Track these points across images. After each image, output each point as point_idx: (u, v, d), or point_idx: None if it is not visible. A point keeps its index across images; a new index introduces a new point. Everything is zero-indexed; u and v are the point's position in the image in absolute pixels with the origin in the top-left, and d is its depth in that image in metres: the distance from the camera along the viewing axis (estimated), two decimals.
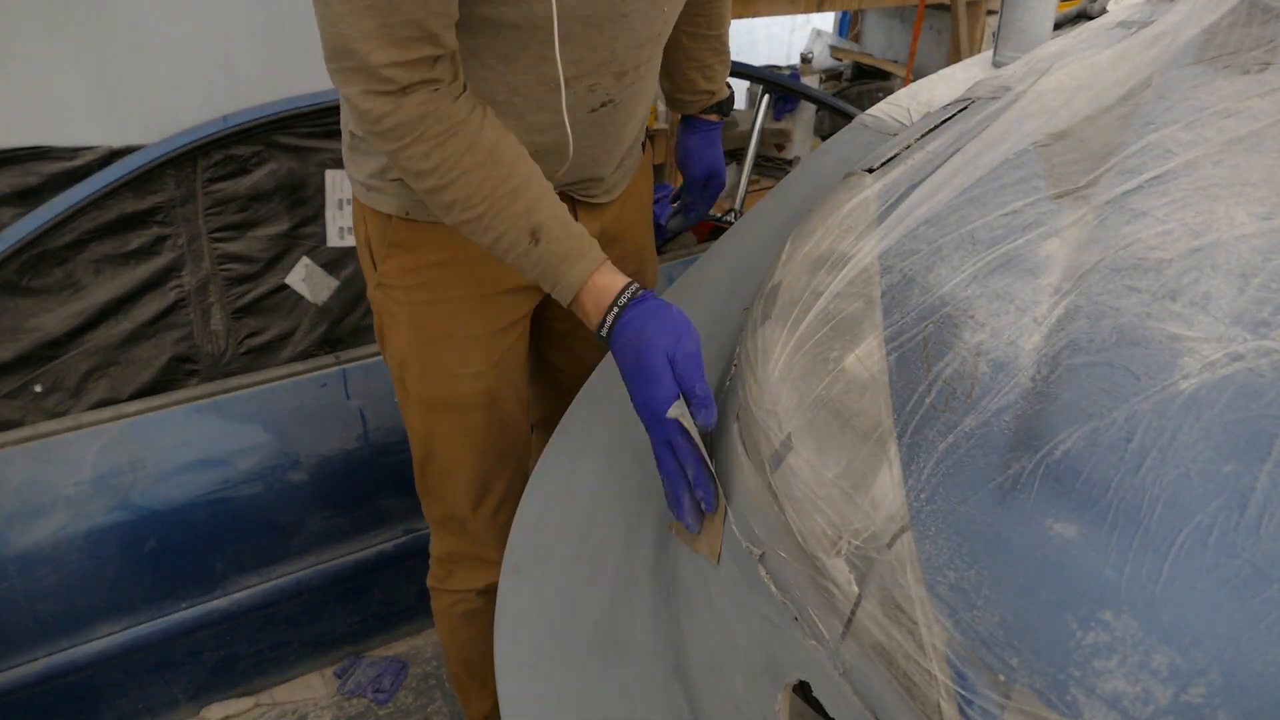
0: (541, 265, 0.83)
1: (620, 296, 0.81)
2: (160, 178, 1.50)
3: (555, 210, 0.83)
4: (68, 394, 1.47)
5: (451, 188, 0.80)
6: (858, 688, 0.56)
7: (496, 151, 0.80)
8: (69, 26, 1.50)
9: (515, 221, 0.81)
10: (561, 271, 0.83)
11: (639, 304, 0.80)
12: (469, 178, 0.79)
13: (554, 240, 0.82)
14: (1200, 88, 0.67)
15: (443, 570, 1.27)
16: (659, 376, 0.75)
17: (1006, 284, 0.59)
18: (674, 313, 0.79)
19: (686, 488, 0.76)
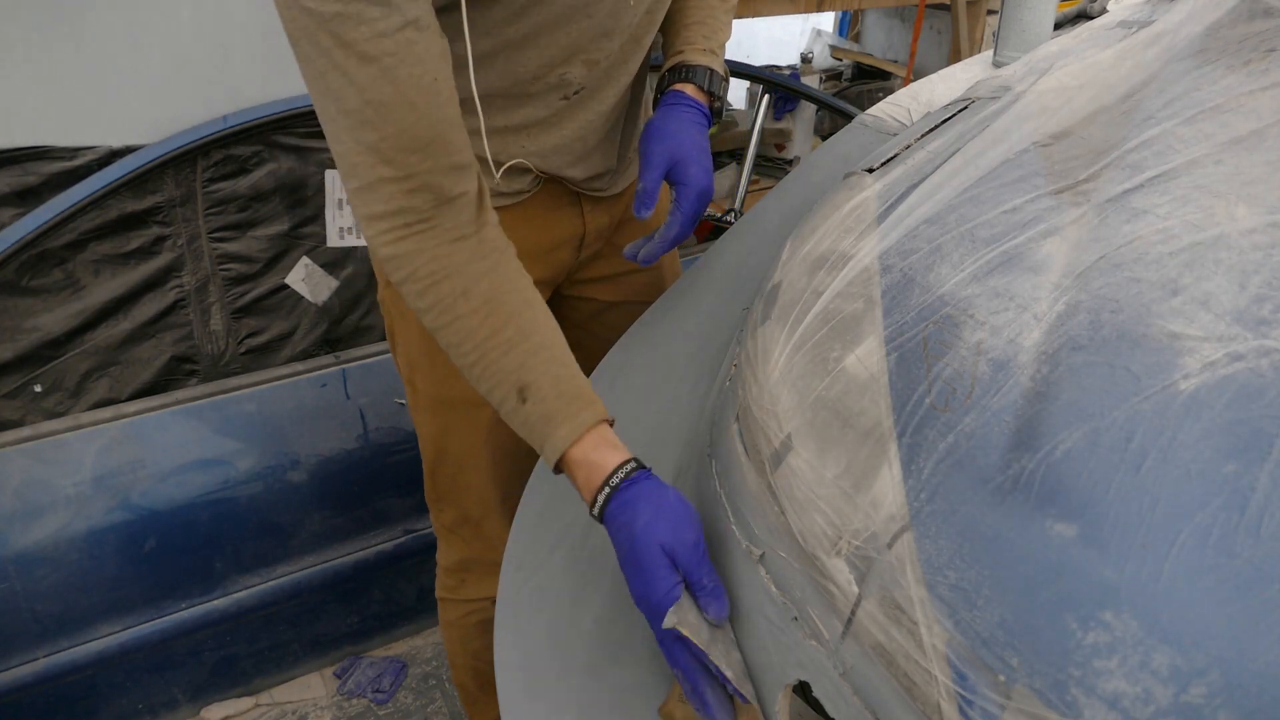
0: (529, 427, 0.77)
1: (612, 477, 0.73)
2: (160, 178, 1.50)
3: (550, 367, 0.77)
4: (68, 394, 1.47)
5: (446, 330, 0.77)
6: (858, 688, 0.56)
7: (495, 300, 0.77)
8: (69, 26, 1.50)
9: (505, 377, 0.77)
10: (546, 434, 0.76)
11: (630, 487, 0.73)
12: (462, 323, 0.76)
13: (542, 401, 0.76)
14: (1201, 86, 0.67)
15: (454, 579, 1.25)
16: (655, 571, 0.68)
17: (1007, 282, 0.59)
18: (670, 498, 0.71)
19: (707, 679, 0.67)
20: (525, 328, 0.78)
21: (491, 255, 0.78)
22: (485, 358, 0.77)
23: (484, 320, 0.76)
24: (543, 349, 0.78)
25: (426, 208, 0.74)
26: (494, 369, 0.77)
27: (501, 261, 0.79)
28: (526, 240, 1.05)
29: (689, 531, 0.70)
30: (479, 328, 0.76)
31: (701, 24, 1.02)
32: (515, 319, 0.77)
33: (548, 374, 0.77)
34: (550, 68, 0.91)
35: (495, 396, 0.79)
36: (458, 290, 0.76)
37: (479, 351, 0.77)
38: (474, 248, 0.77)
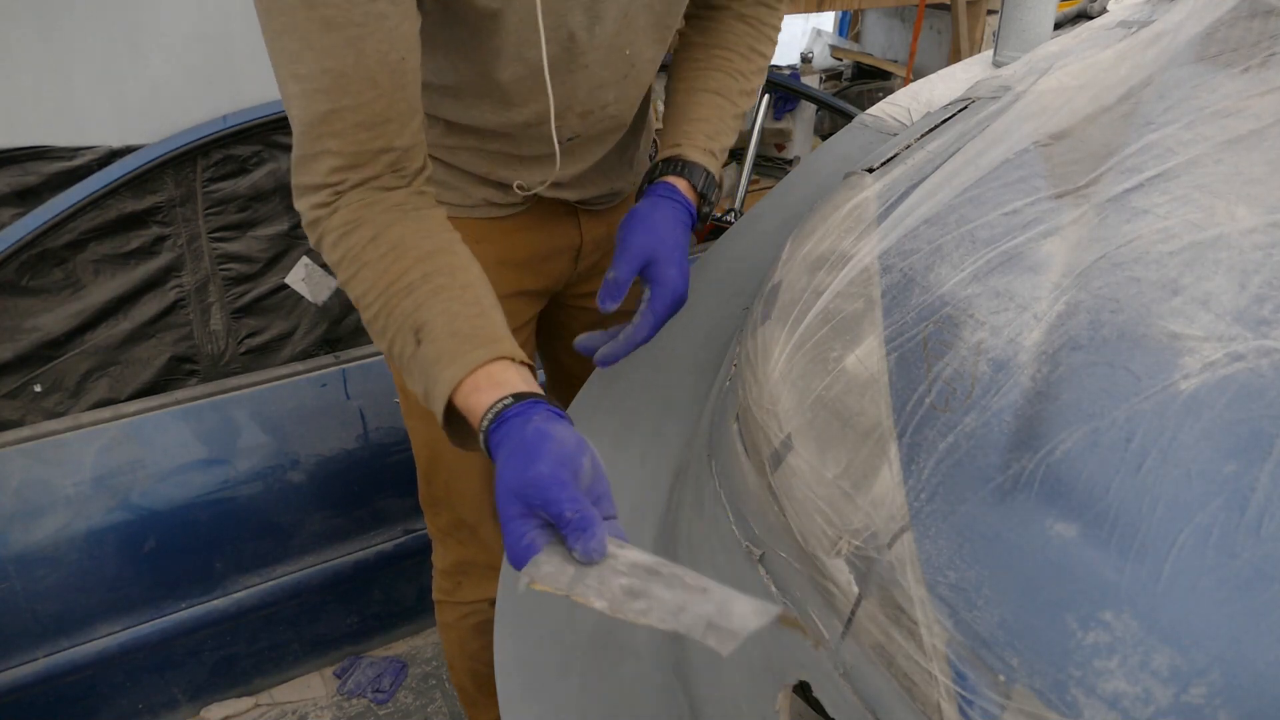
0: (424, 372, 0.70)
1: (482, 422, 0.67)
2: (160, 178, 1.50)
3: (450, 306, 0.71)
4: (68, 394, 1.47)
5: (354, 281, 0.73)
6: (858, 688, 0.55)
7: (403, 244, 0.72)
8: (69, 26, 1.50)
9: (404, 320, 0.71)
10: (438, 374, 0.69)
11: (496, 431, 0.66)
12: (368, 270, 0.72)
13: (434, 341, 0.70)
14: (1201, 87, 0.67)
15: (450, 582, 1.25)
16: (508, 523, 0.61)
17: (1007, 282, 0.59)
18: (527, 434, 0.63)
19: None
20: (432, 271, 0.72)
21: (410, 208, 0.74)
22: (388, 305, 0.72)
23: (390, 265, 0.71)
24: (447, 290, 0.72)
25: (362, 179, 0.72)
26: (395, 315, 0.71)
27: (420, 215, 0.75)
28: (521, 249, 1.05)
29: (543, 465, 0.60)
30: (384, 273, 0.71)
31: (707, 121, 0.97)
32: (423, 263, 0.72)
33: (445, 312, 0.70)
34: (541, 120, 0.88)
35: (396, 349, 0.72)
36: (367, 238, 0.72)
37: (382, 299, 0.72)
38: (397, 202, 0.74)
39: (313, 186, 0.72)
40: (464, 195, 1.01)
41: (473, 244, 1.02)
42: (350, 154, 0.70)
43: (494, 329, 0.71)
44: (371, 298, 0.72)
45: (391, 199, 0.73)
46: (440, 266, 0.72)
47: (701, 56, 0.99)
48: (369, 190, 0.72)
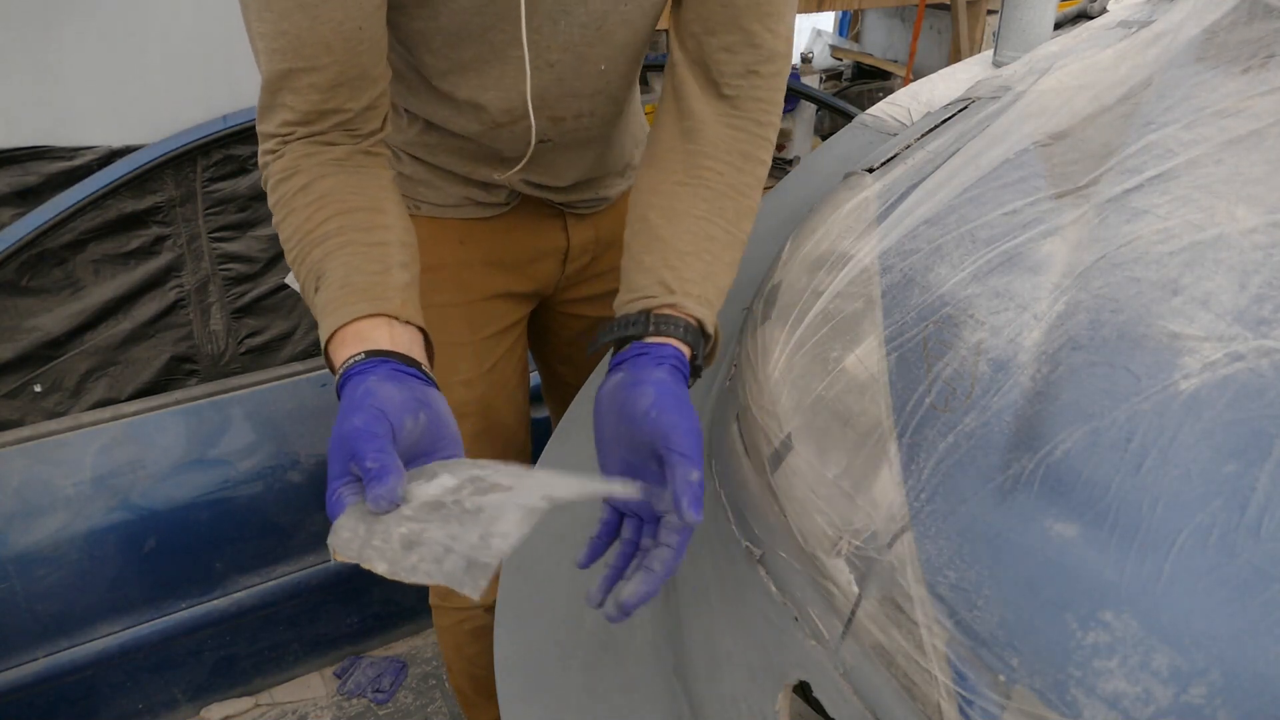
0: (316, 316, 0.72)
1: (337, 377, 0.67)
2: (160, 178, 1.50)
3: (353, 260, 0.71)
4: (68, 394, 1.47)
5: (282, 225, 0.74)
6: (858, 688, 0.55)
7: (330, 196, 0.73)
8: (69, 26, 1.50)
9: (312, 267, 0.72)
10: (321, 322, 0.70)
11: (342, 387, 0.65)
12: (295, 216, 0.73)
13: (329, 288, 0.70)
14: (1201, 87, 0.67)
15: (444, 587, 1.25)
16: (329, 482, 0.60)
17: (1007, 282, 0.59)
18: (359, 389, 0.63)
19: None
20: (349, 225, 0.72)
21: (352, 165, 0.75)
22: (303, 251, 0.73)
23: (312, 214, 0.73)
24: (356, 244, 0.72)
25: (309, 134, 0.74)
26: (306, 262, 0.72)
27: (360, 172, 0.75)
28: (507, 251, 1.05)
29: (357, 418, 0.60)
30: (307, 220, 0.73)
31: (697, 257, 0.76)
32: (344, 215, 0.73)
33: (345, 265, 0.70)
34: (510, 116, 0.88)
35: (306, 294, 0.74)
36: (298, 186, 0.73)
37: (301, 246, 0.73)
38: (339, 156, 0.75)
39: (266, 134, 0.75)
40: (445, 195, 1.00)
41: (456, 245, 1.02)
42: (303, 112, 0.72)
43: (386, 288, 0.70)
44: (293, 243, 0.73)
45: (334, 153, 0.75)
46: (357, 223, 0.73)
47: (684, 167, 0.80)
48: (313, 144, 0.74)
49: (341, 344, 0.68)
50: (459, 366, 1.06)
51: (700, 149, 0.79)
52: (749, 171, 0.80)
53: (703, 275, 0.75)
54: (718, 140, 0.79)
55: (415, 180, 1.00)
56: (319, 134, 0.74)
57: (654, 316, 0.72)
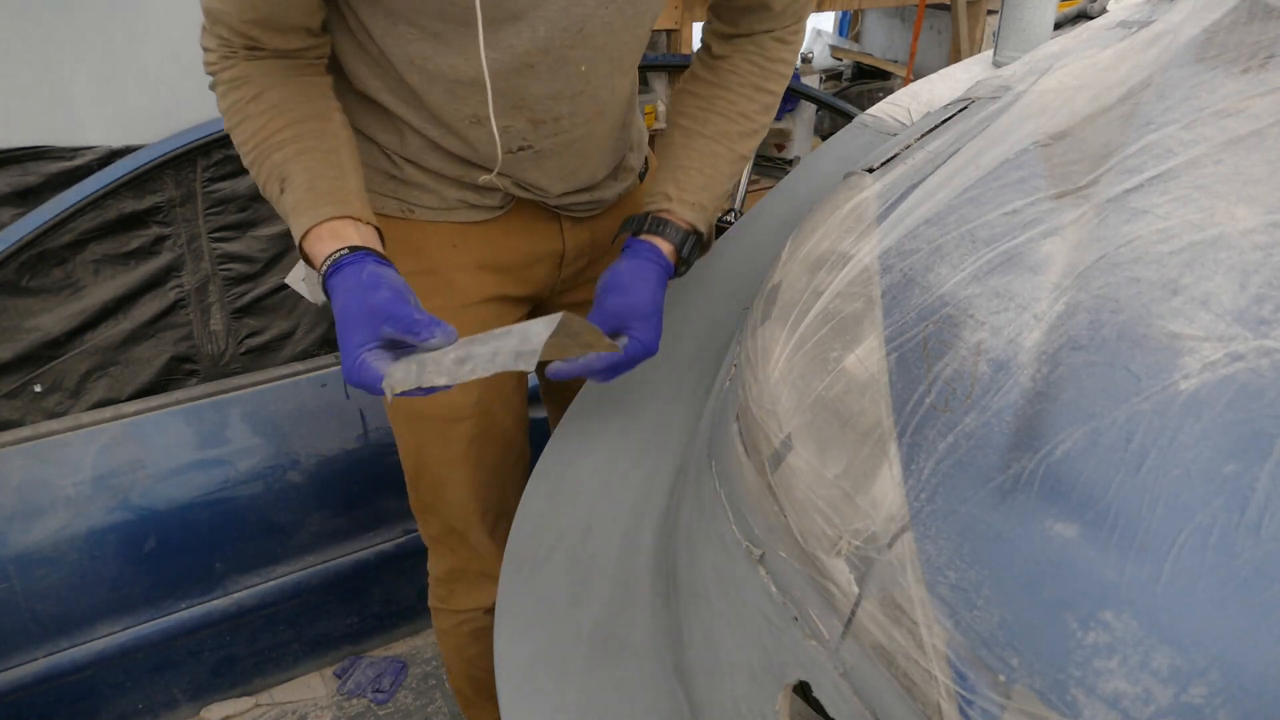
0: (285, 217, 0.84)
1: (325, 263, 0.80)
2: (160, 178, 1.50)
3: (314, 166, 0.83)
4: (68, 394, 1.47)
5: (237, 130, 0.84)
6: (858, 688, 0.56)
7: (283, 105, 0.83)
8: (69, 27, 1.50)
9: (274, 169, 0.83)
10: (292, 224, 0.83)
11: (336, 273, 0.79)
12: (250, 123, 0.83)
13: (294, 191, 0.83)
14: (1201, 87, 0.67)
15: (444, 590, 1.25)
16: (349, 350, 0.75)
17: (1007, 282, 0.59)
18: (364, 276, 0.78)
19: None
20: (304, 132, 0.84)
21: (297, 76, 0.85)
22: (261, 152, 0.84)
23: (268, 121, 0.83)
24: (313, 151, 0.84)
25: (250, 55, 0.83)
26: (267, 163, 0.84)
27: (303, 80, 0.86)
28: (501, 254, 1.05)
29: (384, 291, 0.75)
30: (262, 128, 0.83)
31: (700, 171, 0.96)
32: (298, 124, 0.84)
33: (308, 171, 0.83)
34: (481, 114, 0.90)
35: (267, 190, 0.86)
36: (251, 94, 0.83)
37: (258, 148, 0.84)
38: (283, 68, 0.84)
39: (209, 49, 0.84)
40: (439, 198, 1.00)
41: (450, 249, 1.02)
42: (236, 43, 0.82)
43: (347, 192, 0.84)
44: (250, 146, 0.84)
45: (277, 65, 0.85)
46: (311, 130, 0.84)
47: (702, 95, 0.98)
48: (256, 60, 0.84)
49: (319, 240, 0.81)
50: None
51: (719, 80, 0.97)
52: (758, 100, 0.98)
53: (700, 186, 0.95)
54: (735, 71, 0.97)
55: (410, 184, 0.99)
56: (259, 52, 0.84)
57: (652, 219, 0.94)
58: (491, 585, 1.18)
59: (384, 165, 0.99)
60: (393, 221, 1.01)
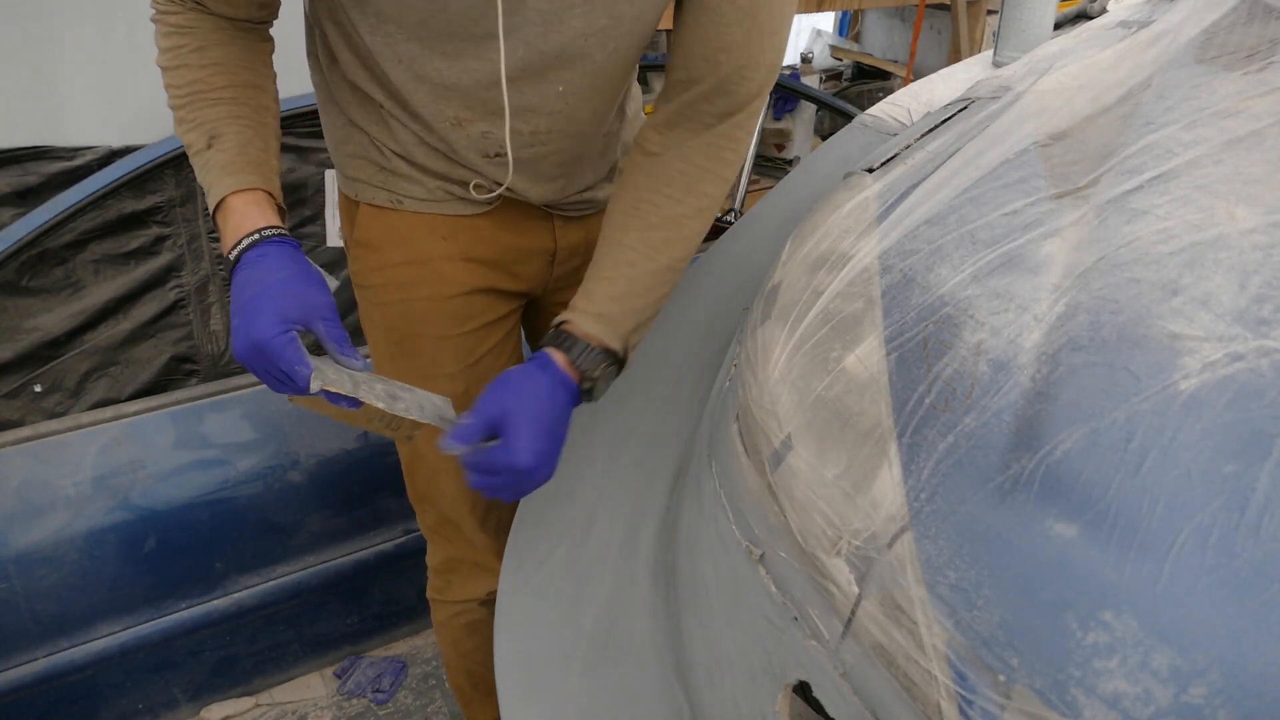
0: (207, 170, 0.84)
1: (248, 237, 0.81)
2: (160, 178, 1.50)
3: (245, 134, 0.85)
4: (68, 394, 1.47)
5: (172, 72, 0.85)
6: (858, 688, 0.56)
7: (225, 65, 0.85)
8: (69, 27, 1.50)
9: (205, 123, 0.84)
10: (215, 179, 0.83)
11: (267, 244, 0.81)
12: (188, 71, 0.85)
13: (225, 150, 0.83)
14: (1200, 88, 0.67)
15: (441, 580, 1.25)
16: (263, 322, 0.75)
17: (1007, 283, 0.59)
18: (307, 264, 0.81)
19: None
20: (241, 98, 0.86)
21: (242, 37, 0.88)
22: (195, 102, 0.85)
23: (207, 76, 0.85)
24: (248, 119, 0.86)
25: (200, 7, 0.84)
26: (198, 114, 0.84)
27: (247, 42, 0.88)
28: (490, 249, 1.04)
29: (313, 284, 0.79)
30: (200, 80, 0.85)
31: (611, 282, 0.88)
32: (237, 88, 0.86)
33: (240, 136, 0.84)
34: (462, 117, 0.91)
35: (189, 139, 0.85)
36: (195, 45, 0.85)
37: (192, 97, 0.85)
38: (228, 27, 0.86)
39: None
40: (428, 190, 1.00)
41: (439, 240, 1.02)
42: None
43: (269, 169, 0.86)
44: (184, 92, 0.85)
45: (224, 23, 0.86)
46: (248, 97, 0.87)
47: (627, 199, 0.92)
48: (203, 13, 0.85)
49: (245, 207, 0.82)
50: (442, 360, 1.06)
51: (648, 183, 0.90)
52: (689, 203, 0.90)
53: (610, 296, 0.88)
54: (667, 174, 0.90)
55: (399, 175, 1.00)
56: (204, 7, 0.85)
57: (558, 331, 0.88)
58: (486, 576, 1.19)
59: (374, 156, 0.99)
60: (383, 212, 1.01)
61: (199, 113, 0.84)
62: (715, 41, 0.84)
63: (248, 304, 0.76)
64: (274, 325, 0.75)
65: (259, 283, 0.77)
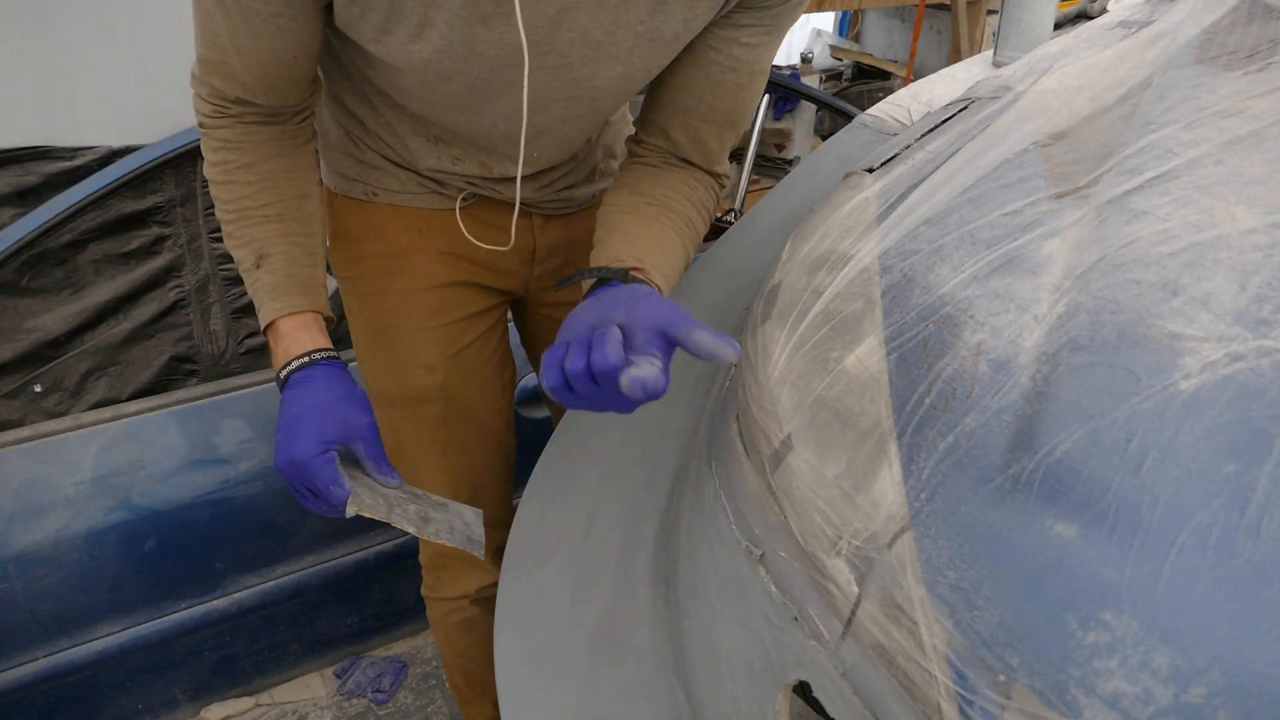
0: (256, 290, 0.85)
1: (294, 361, 0.82)
2: (160, 178, 1.50)
3: (292, 252, 0.86)
4: (68, 394, 1.47)
5: (221, 187, 0.85)
6: (858, 688, 0.56)
7: (272, 180, 0.85)
8: (69, 27, 1.50)
9: (253, 241, 0.85)
10: (264, 301, 0.85)
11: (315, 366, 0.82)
12: (236, 188, 0.85)
13: (273, 271, 0.85)
14: (1200, 88, 0.67)
15: (433, 577, 1.26)
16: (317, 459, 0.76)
17: (1007, 283, 0.59)
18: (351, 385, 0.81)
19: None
20: (288, 212, 0.86)
21: (285, 144, 0.87)
22: (243, 219, 0.85)
23: (256, 192, 0.85)
24: (295, 235, 0.86)
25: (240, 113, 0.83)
26: (247, 233, 0.85)
27: (293, 153, 0.88)
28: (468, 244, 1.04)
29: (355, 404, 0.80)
30: (248, 196, 0.85)
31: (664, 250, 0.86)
32: (283, 203, 0.86)
33: (287, 255, 0.85)
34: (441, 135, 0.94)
35: (238, 256, 0.87)
36: (243, 162, 0.84)
37: (241, 214, 0.85)
38: (274, 137, 0.86)
39: (202, 97, 0.83)
40: (400, 183, 1.01)
41: (414, 233, 1.03)
42: (232, 97, 0.81)
43: (316, 284, 0.87)
44: (232, 208, 0.86)
45: (269, 133, 0.85)
46: (294, 210, 0.87)
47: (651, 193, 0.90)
48: (248, 122, 0.84)
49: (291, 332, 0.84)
50: (419, 351, 1.06)
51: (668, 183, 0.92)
52: (698, 213, 0.93)
53: (667, 265, 0.86)
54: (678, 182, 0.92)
55: (373, 168, 1.00)
56: (249, 115, 0.84)
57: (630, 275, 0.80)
58: (476, 571, 1.20)
59: (350, 149, 1.00)
60: (358, 205, 1.02)
61: (247, 230, 0.85)
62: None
63: (290, 423, 0.78)
64: (313, 446, 0.76)
65: (303, 403, 0.79)
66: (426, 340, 1.06)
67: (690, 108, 0.88)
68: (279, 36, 0.75)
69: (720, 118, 0.89)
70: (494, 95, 0.83)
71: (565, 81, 0.82)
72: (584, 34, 0.77)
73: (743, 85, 0.87)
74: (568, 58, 0.79)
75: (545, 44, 0.77)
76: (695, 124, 0.90)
